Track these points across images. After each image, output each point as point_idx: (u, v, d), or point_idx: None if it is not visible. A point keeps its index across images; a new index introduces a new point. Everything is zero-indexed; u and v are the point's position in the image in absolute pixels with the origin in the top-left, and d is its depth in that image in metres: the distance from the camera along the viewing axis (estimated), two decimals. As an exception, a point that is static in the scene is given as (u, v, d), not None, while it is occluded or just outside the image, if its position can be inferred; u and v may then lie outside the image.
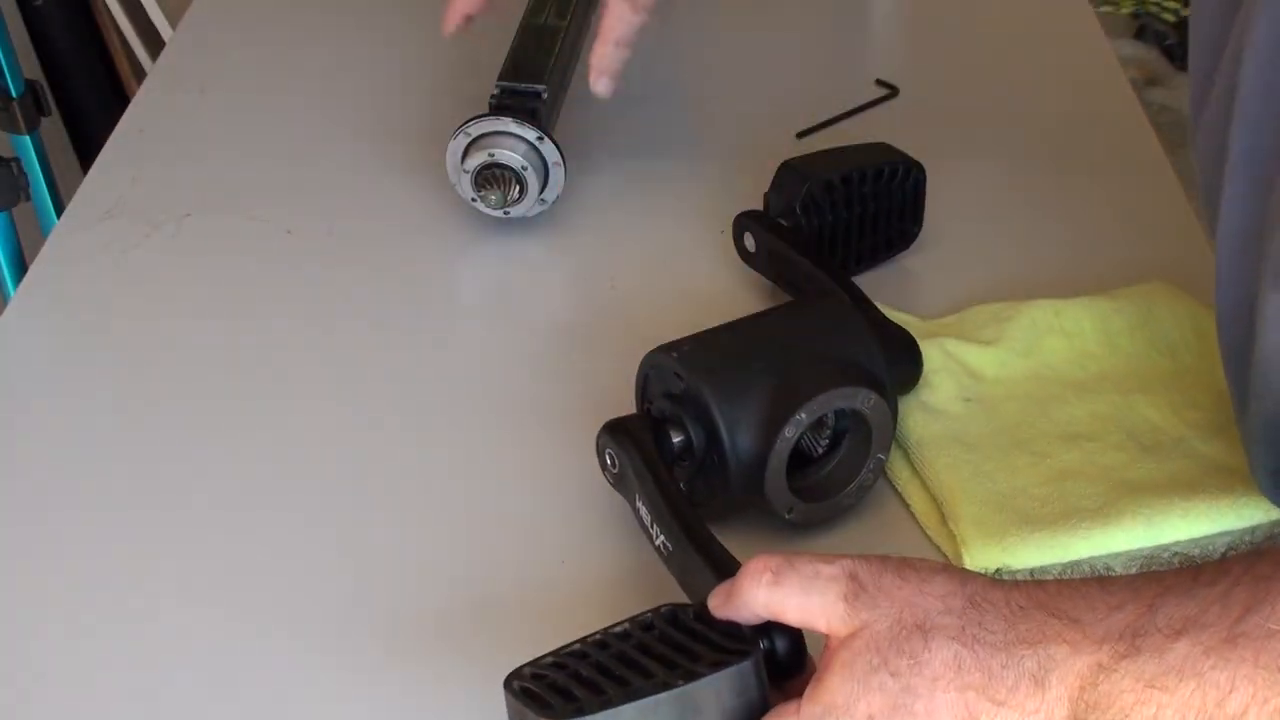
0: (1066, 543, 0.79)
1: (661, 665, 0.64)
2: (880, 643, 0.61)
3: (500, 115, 0.99)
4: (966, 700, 0.60)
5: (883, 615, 0.62)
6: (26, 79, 1.61)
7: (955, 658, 0.60)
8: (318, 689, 0.75)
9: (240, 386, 0.93)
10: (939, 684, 0.60)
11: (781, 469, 0.78)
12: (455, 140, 1.00)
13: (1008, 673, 0.60)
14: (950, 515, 0.80)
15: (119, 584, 0.81)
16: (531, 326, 0.98)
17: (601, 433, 0.79)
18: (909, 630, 0.61)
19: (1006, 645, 0.60)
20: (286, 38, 1.28)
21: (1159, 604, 0.59)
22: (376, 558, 0.82)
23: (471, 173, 1.00)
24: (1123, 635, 0.59)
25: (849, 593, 0.62)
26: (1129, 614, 0.59)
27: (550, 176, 1.01)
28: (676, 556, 0.74)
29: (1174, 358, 0.90)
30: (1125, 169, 1.10)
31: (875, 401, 0.79)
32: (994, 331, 0.91)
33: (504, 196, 0.99)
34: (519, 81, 1.03)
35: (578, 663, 0.65)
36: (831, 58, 1.23)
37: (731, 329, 0.83)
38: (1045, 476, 0.82)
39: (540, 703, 0.63)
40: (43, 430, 0.91)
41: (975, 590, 0.62)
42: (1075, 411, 0.86)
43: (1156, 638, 0.58)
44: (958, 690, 0.60)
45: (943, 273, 0.99)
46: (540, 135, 0.99)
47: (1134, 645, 0.58)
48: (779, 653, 0.66)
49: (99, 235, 1.05)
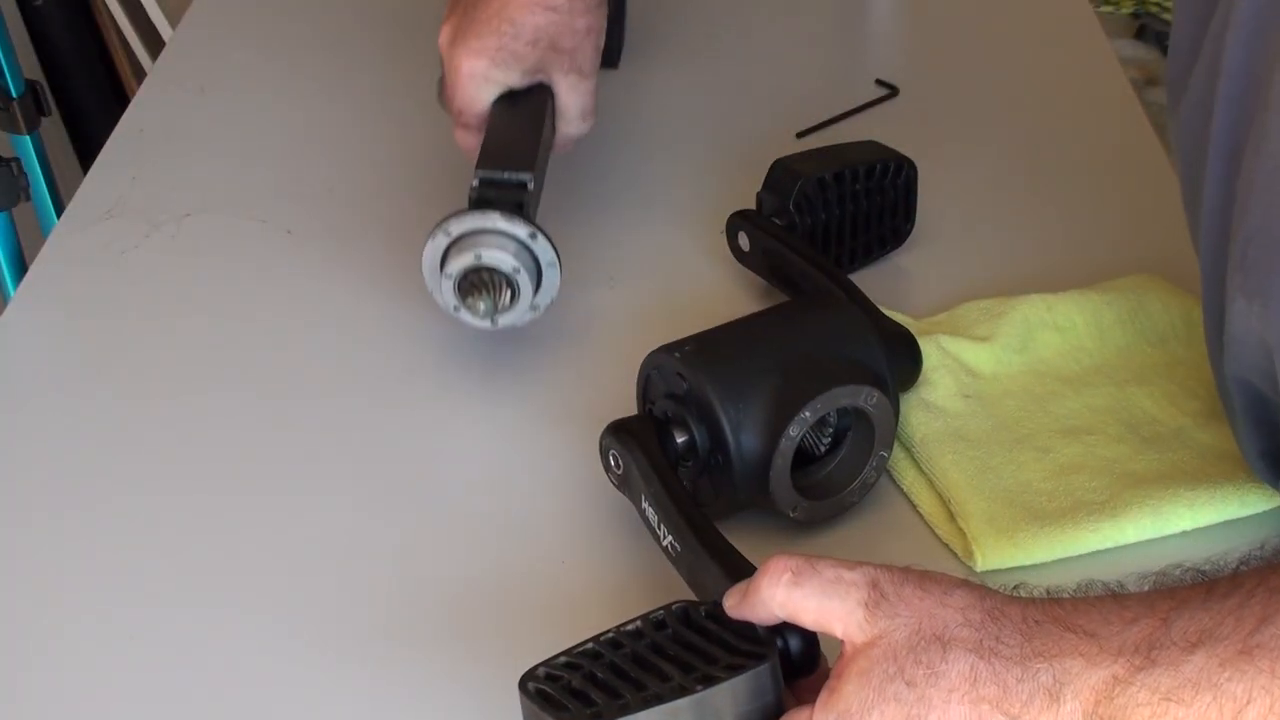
0: (1076, 536, 0.79)
1: (676, 667, 0.64)
2: (898, 652, 0.61)
3: (485, 210, 0.87)
4: (980, 713, 0.60)
5: (902, 625, 0.61)
6: (26, 79, 1.61)
7: (971, 670, 0.60)
8: (321, 689, 0.75)
9: (240, 386, 0.93)
10: (954, 695, 0.60)
11: (786, 468, 0.78)
12: (434, 241, 0.88)
13: (1023, 686, 0.60)
14: (959, 513, 0.80)
15: (119, 583, 0.81)
16: (531, 326, 0.97)
17: (605, 433, 0.79)
18: (927, 641, 0.61)
19: (1022, 659, 0.60)
20: (286, 38, 1.28)
21: (1174, 617, 0.59)
22: (379, 558, 0.82)
23: (455, 278, 0.87)
24: (1138, 649, 0.59)
25: (870, 600, 0.62)
26: (1144, 627, 0.59)
27: (544, 279, 0.89)
28: (685, 557, 0.74)
29: (1166, 348, 0.90)
30: (1125, 169, 1.10)
31: (878, 399, 0.79)
32: (987, 328, 0.91)
33: (493, 303, 0.87)
34: (502, 170, 0.91)
35: (592, 663, 0.64)
36: (831, 58, 1.23)
37: (733, 328, 0.83)
38: (1049, 471, 0.83)
39: (556, 705, 0.62)
40: (43, 430, 0.91)
41: (994, 605, 0.62)
42: (1072, 405, 0.87)
43: (1172, 651, 0.58)
44: (972, 703, 0.60)
45: (938, 270, 1.00)
46: (533, 232, 0.87)
47: (1149, 658, 0.58)
48: (793, 653, 0.66)
49: (99, 235, 1.05)
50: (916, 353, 0.87)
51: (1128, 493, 0.80)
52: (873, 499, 0.83)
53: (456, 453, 0.88)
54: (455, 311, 0.89)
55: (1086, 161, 1.10)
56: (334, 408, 0.91)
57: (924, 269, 1.00)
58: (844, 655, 0.62)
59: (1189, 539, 0.80)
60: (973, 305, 0.94)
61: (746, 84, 1.21)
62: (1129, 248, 1.00)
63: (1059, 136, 1.08)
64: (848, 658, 0.62)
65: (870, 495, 0.82)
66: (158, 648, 0.77)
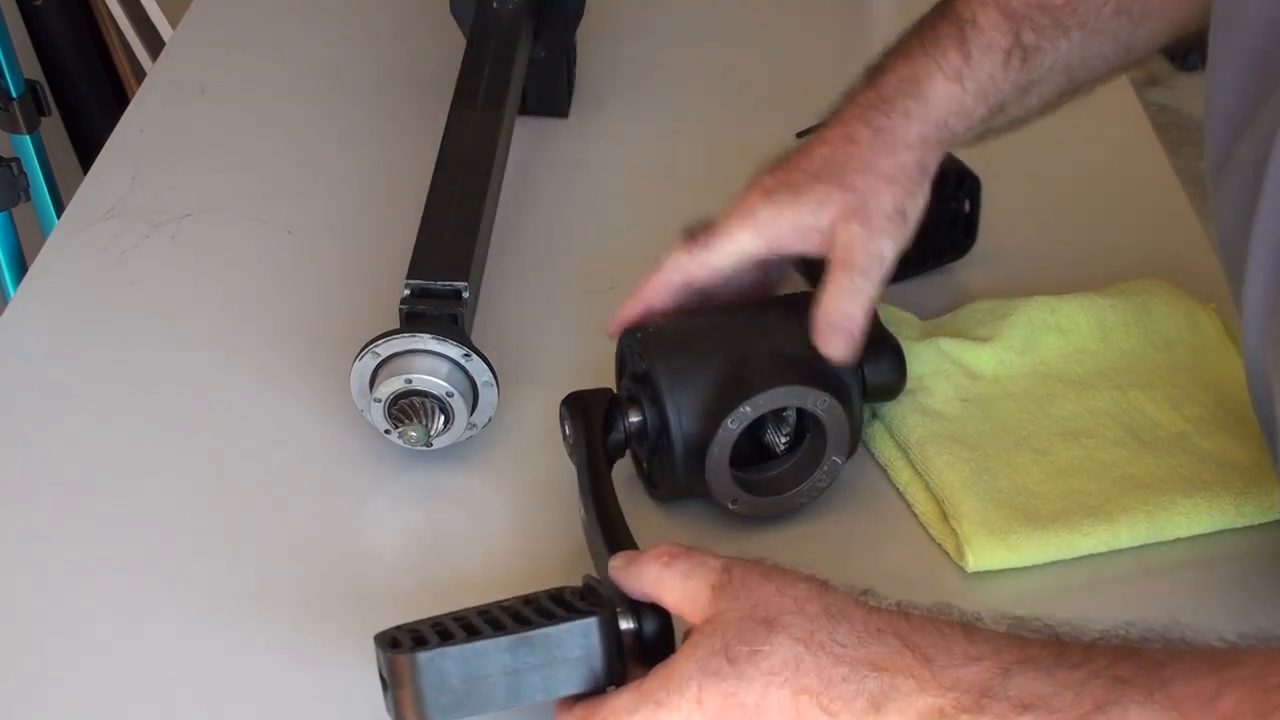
0: (1070, 539, 0.79)
1: (517, 622, 0.67)
2: (727, 629, 0.63)
3: (415, 332, 0.82)
4: (800, 705, 0.60)
5: (738, 606, 0.63)
6: (26, 79, 1.61)
7: (796, 658, 0.61)
8: (322, 688, 0.75)
9: (241, 386, 0.93)
10: (774, 680, 0.61)
11: (724, 459, 0.79)
12: (361, 361, 0.83)
13: (847, 686, 0.60)
14: (953, 514, 0.80)
15: (120, 583, 0.81)
16: (531, 330, 0.97)
17: (562, 402, 0.82)
18: (756, 622, 0.62)
19: (853, 661, 0.60)
20: (286, 38, 1.28)
21: (1015, 671, 0.58)
22: (380, 557, 0.82)
23: (385, 402, 0.83)
24: (970, 689, 0.58)
25: (718, 583, 0.65)
26: (983, 670, 0.59)
27: (480, 398, 0.84)
28: (589, 529, 0.76)
29: (1170, 353, 0.90)
30: (1125, 169, 1.10)
31: (829, 404, 0.79)
32: (990, 329, 0.91)
33: (426, 430, 0.83)
34: (434, 279, 0.86)
35: (451, 623, 0.67)
36: (831, 58, 1.22)
37: (704, 317, 0.84)
38: (1047, 474, 0.82)
39: (394, 644, 0.66)
40: (42, 430, 0.91)
41: (834, 602, 0.63)
42: (1074, 408, 0.87)
43: (1003, 705, 0.58)
44: (792, 691, 0.61)
45: (939, 271, 0.99)
46: (467, 353, 0.83)
47: (979, 704, 0.58)
48: (646, 633, 0.68)
49: (99, 235, 1.05)
50: (900, 363, 0.84)
51: (1124, 497, 0.80)
52: (867, 498, 0.83)
53: (456, 449, 0.88)
54: (386, 434, 0.85)
55: (1086, 162, 1.10)
56: (335, 407, 0.91)
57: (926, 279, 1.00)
58: (685, 634, 0.65)
59: (1183, 544, 0.80)
60: (976, 306, 0.93)
61: (746, 83, 1.21)
62: (1130, 248, 1.00)
63: (1059, 137, 1.07)
64: (687, 636, 0.64)
65: (865, 494, 0.83)
66: (157, 647, 0.77)
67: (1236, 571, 0.80)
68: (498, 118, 0.99)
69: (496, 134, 0.98)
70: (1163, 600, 0.78)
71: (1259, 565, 0.80)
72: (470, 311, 0.88)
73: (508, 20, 1.06)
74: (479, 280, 0.91)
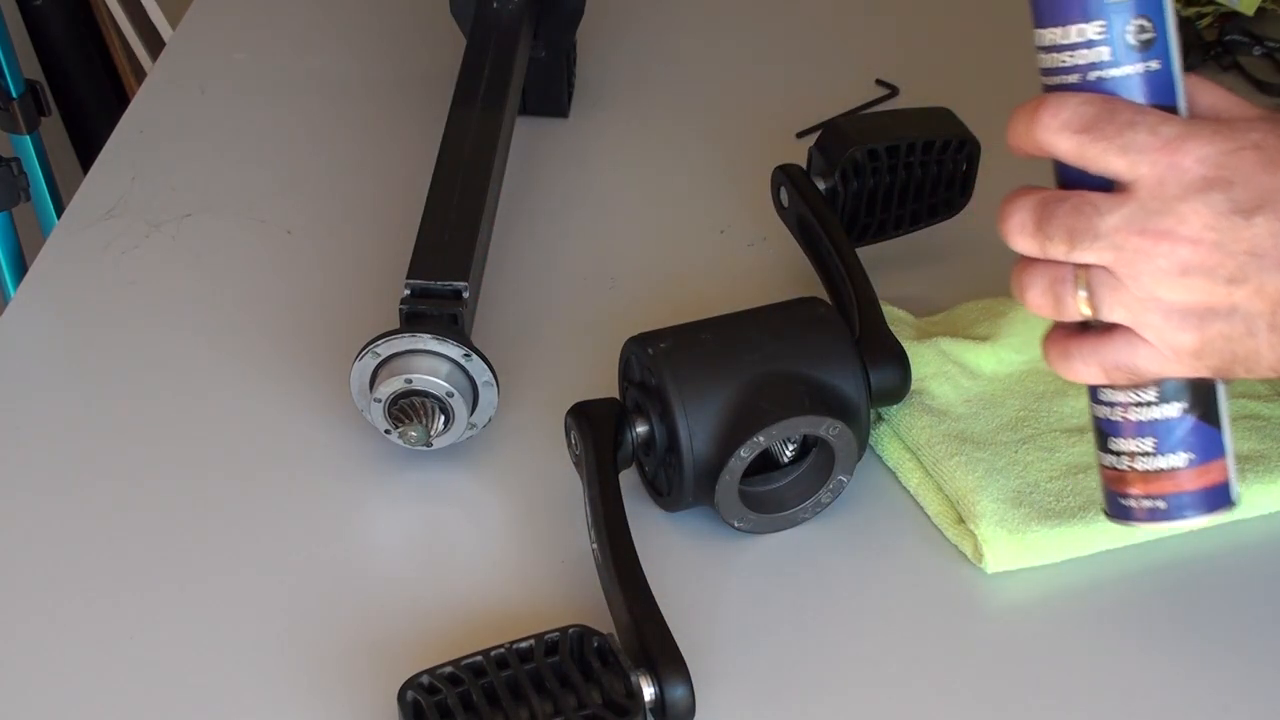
0: (1087, 535, 0.79)
1: (548, 703, 0.67)
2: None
3: (415, 332, 0.83)
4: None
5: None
6: (26, 79, 1.61)
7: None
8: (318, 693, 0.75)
9: (241, 386, 0.93)
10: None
11: (734, 484, 0.79)
12: (361, 361, 0.84)
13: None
14: (968, 514, 0.80)
15: (119, 583, 0.81)
16: (531, 326, 0.97)
17: (568, 413, 0.81)
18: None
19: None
20: (286, 38, 1.28)
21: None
22: (377, 558, 0.82)
23: (385, 402, 0.83)
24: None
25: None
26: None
27: (480, 398, 0.85)
28: (602, 568, 0.75)
29: None
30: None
31: (840, 430, 0.79)
32: (987, 328, 0.91)
33: (426, 430, 0.83)
34: (434, 279, 0.86)
35: (473, 680, 0.67)
36: (831, 58, 1.22)
37: (716, 329, 0.82)
38: (1056, 470, 0.83)
39: (417, 711, 0.66)
40: (42, 430, 0.91)
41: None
42: (1075, 404, 0.87)
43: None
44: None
45: (938, 270, 0.99)
46: (467, 353, 0.83)
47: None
48: (669, 700, 0.68)
49: (99, 235, 1.05)
50: (905, 367, 0.85)
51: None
52: (878, 500, 0.83)
53: (456, 449, 0.88)
54: (386, 434, 0.85)
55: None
56: (335, 407, 0.91)
57: (924, 267, 1.00)
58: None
59: (1198, 535, 0.80)
60: (972, 305, 0.93)
61: (746, 83, 1.21)
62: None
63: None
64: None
65: (876, 496, 0.83)
66: (155, 647, 0.77)
67: (1262, 556, 0.80)
68: (498, 118, 0.99)
69: (496, 134, 0.98)
70: (1185, 591, 0.79)
71: (1276, 550, 0.81)
72: (470, 311, 0.88)
73: (508, 20, 1.06)
74: (479, 280, 0.91)
